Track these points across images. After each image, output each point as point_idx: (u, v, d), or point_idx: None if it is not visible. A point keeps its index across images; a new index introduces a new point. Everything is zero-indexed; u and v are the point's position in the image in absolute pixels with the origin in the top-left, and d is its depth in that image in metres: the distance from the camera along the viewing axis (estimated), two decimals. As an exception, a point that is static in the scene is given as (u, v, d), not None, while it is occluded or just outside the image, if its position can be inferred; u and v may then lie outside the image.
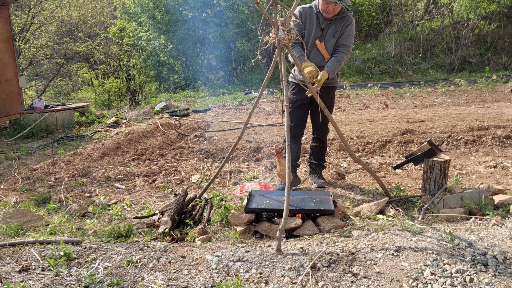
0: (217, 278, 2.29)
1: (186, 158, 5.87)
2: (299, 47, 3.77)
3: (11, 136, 8.26)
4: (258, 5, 2.78)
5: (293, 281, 2.20)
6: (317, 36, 3.78)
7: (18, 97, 9.75)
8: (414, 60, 14.64)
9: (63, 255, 2.51)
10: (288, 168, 2.74)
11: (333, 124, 3.34)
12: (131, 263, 2.47)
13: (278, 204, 3.19)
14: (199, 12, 15.08)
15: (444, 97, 9.80)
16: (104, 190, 4.68)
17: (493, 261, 2.25)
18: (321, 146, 4.24)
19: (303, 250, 2.52)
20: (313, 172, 4.31)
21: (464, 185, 3.81)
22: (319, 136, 4.18)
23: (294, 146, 4.00)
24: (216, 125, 8.24)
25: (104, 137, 7.58)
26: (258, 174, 4.74)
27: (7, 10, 9.46)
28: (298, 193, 3.57)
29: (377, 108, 9.27)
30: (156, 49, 16.31)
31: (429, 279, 2.14)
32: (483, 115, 6.86)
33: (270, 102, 10.79)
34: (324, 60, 3.81)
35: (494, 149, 5.38)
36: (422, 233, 2.62)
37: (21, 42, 16.25)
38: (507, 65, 13.69)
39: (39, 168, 5.42)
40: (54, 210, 3.98)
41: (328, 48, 3.81)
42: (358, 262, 2.33)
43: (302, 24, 3.79)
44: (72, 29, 19.40)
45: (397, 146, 5.75)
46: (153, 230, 3.24)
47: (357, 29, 18.65)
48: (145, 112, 10.58)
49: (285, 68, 2.87)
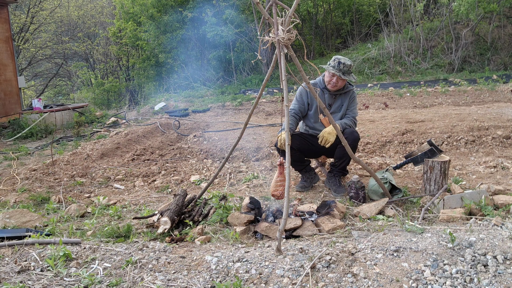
0: (217, 278, 2.28)
1: (186, 159, 5.86)
2: (292, 118, 3.90)
3: (10, 136, 8.25)
4: (258, 5, 2.77)
5: (293, 282, 2.19)
6: (321, 111, 3.84)
7: (17, 97, 9.75)
8: (414, 60, 14.64)
9: (62, 256, 2.50)
10: (288, 168, 2.74)
11: (333, 124, 3.34)
12: (131, 263, 2.46)
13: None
14: (199, 12, 15.07)
15: (444, 97, 9.80)
16: (104, 191, 4.68)
17: (493, 262, 2.24)
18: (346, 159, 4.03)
19: (303, 250, 2.51)
20: (333, 177, 4.04)
21: (464, 186, 3.80)
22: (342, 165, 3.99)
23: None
24: (215, 125, 8.24)
25: (104, 137, 7.57)
26: (258, 174, 4.73)
27: (6, 10, 9.46)
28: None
29: (377, 108, 9.26)
30: (155, 49, 16.30)
31: (429, 280, 2.13)
32: (483, 115, 6.85)
33: (270, 102, 10.78)
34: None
35: (494, 149, 5.38)
36: (422, 234, 2.62)
37: (20, 42, 16.23)
38: (507, 65, 13.69)
39: (38, 168, 5.41)
40: (53, 210, 3.97)
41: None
42: (358, 262, 2.32)
43: (305, 100, 3.96)
44: (71, 29, 19.39)
45: (397, 146, 5.74)
46: (153, 231, 3.23)
47: (357, 29, 18.68)
48: (144, 112, 10.57)
49: (285, 68, 2.86)
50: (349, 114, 3.97)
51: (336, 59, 3.72)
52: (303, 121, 4.11)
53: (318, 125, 3.95)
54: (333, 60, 3.75)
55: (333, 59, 3.76)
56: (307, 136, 4.00)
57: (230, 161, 5.54)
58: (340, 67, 3.68)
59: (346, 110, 3.97)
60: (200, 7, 15.14)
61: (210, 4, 15.24)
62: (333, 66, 3.72)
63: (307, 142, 3.96)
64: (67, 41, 18.90)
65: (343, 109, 3.96)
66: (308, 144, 3.96)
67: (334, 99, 3.95)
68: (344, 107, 3.96)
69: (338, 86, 3.83)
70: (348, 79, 3.78)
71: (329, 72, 3.79)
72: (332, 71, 3.71)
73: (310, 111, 3.98)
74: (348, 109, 3.97)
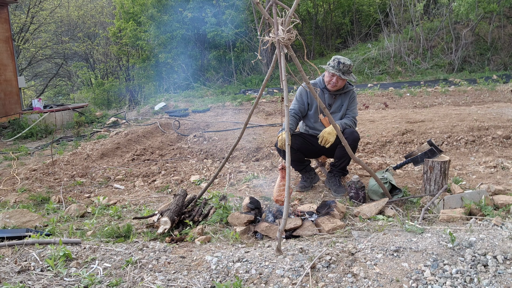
0: (217, 278, 2.28)
1: (186, 159, 5.86)
2: (292, 118, 3.90)
3: (10, 136, 8.25)
4: (258, 5, 2.77)
5: (293, 282, 2.19)
6: (321, 111, 3.85)
7: (17, 97, 9.75)
8: (414, 60, 14.64)
9: (62, 256, 2.50)
10: (288, 168, 2.74)
11: (333, 124, 3.34)
12: (131, 263, 2.46)
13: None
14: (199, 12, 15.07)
15: (444, 97, 9.79)
16: (104, 191, 4.68)
17: (493, 262, 2.24)
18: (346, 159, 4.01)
19: (303, 250, 2.51)
20: (333, 177, 4.03)
21: (464, 186, 3.80)
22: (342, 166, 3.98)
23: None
24: (215, 125, 8.24)
25: (104, 137, 7.57)
26: (258, 174, 4.73)
27: (6, 10, 9.46)
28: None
29: (377, 108, 9.26)
30: (155, 49, 16.30)
31: (429, 280, 2.13)
32: (483, 115, 6.85)
33: (270, 102, 10.78)
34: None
35: (494, 149, 5.38)
36: (422, 234, 2.62)
37: (20, 42, 16.23)
38: (507, 65, 13.69)
39: (38, 168, 5.41)
40: (53, 210, 3.97)
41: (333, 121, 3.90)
42: (358, 262, 2.32)
43: (305, 100, 3.96)
44: (71, 29, 19.39)
45: (397, 146, 5.74)
46: (153, 231, 3.23)
47: (357, 29, 18.68)
48: (144, 112, 10.57)
49: (285, 68, 2.86)
50: (349, 114, 3.97)
51: (335, 59, 3.72)
52: (303, 121, 4.11)
53: (318, 125, 3.95)
54: (332, 60, 3.75)
55: (332, 59, 3.76)
56: (307, 136, 4.00)
57: (230, 161, 5.54)
58: (339, 67, 3.69)
59: (346, 110, 3.97)
60: (200, 7, 15.14)
61: (210, 4, 15.24)
62: (332, 66, 3.72)
63: (307, 142, 3.96)
64: (67, 41, 18.91)
65: (343, 109, 3.96)
66: (308, 144, 3.95)
67: (334, 99, 3.95)
68: (344, 107, 3.96)
69: (338, 86, 3.83)
70: (348, 79, 3.78)
71: (329, 72, 3.79)
72: (332, 71, 3.71)
73: (310, 111, 3.98)
74: (348, 109, 3.97)
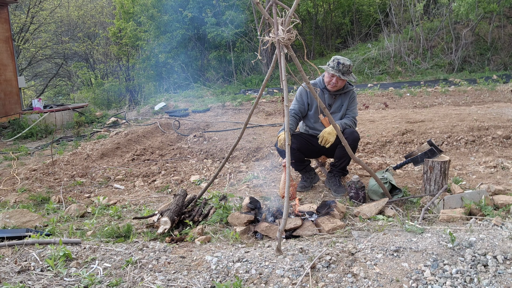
0: (217, 278, 2.28)
1: (186, 159, 5.87)
2: (293, 118, 3.90)
3: (10, 136, 8.25)
4: (258, 5, 2.77)
5: (293, 282, 2.19)
6: (321, 111, 3.85)
7: (17, 97, 9.75)
8: (414, 60, 14.64)
9: (62, 256, 2.50)
10: (289, 168, 2.74)
11: (333, 124, 3.34)
12: (131, 263, 2.46)
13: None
14: (199, 12, 15.07)
15: (444, 97, 9.79)
16: (104, 191, 4.67)
17: (493, 262, 2.24)
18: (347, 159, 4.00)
19: (303, 250, 2.51)
20: (333, 177, 4.03)
21: (464, 186, 3.80)
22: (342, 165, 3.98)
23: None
24: (215, 125, 8.24)
25: (104, 137, 7.57)
26: (258, 174, 4.73)
27: (6, 10, 9.46)
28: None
29: (377, 108, 9.26)
30: (155, 49, 16.31)
31: (429, 280, 2.13)
32: (483, 115, 6.85)
33: (270, 102, 10.78)
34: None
35: (494, 149, 5.38)
36: (422, 234, 2.62)
37: (20, 42, 16.23)
38: (507, 65, 13.69)
39: (38, 168, 5.41)
40: (53, 210, 3.97)
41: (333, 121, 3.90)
42: (358, 262, 2.32)
43: (305, 100, 3.96)
44: (71, 29, 19.39)
45: (397, 146, 5.74)
46: (153, 231, 3.23)
47: (357, 29, 18.68)
48: (144, 112, 10.57)
49: (285, 68, 2.86)
50: (349, 114, 3.96)
51: (335, 60, 3.72)
52: (303, 121, 4.11)
53: (318, 125, 3.95)
54: (332, 60, 3.75)
55: (332, 60, 3.76)
56: (307, 136, 4.00)
57: (230, 161, 5.54)
58: (339, 67, 3.68)
59: (346, 110, 3.97)
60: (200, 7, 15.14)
61: (210, 4, 15.24)
62: (332, 66, 3.72)
63: (307, 142, 3.96)
64: (67, 41, 18.90)
65: (343, 109, 3.96)
66: (308, 144, 3.95)
67: (334, 99, 3.95)
68: (344, 107, 3.96)
69: (337, 86, 3.83)
70: (347, 79, 3.78)
71: (328, 73, 3.79)
72: (332, 71, 3.71)
73: (310, 111, 3.98)
74: (348, 109, 3.97)
